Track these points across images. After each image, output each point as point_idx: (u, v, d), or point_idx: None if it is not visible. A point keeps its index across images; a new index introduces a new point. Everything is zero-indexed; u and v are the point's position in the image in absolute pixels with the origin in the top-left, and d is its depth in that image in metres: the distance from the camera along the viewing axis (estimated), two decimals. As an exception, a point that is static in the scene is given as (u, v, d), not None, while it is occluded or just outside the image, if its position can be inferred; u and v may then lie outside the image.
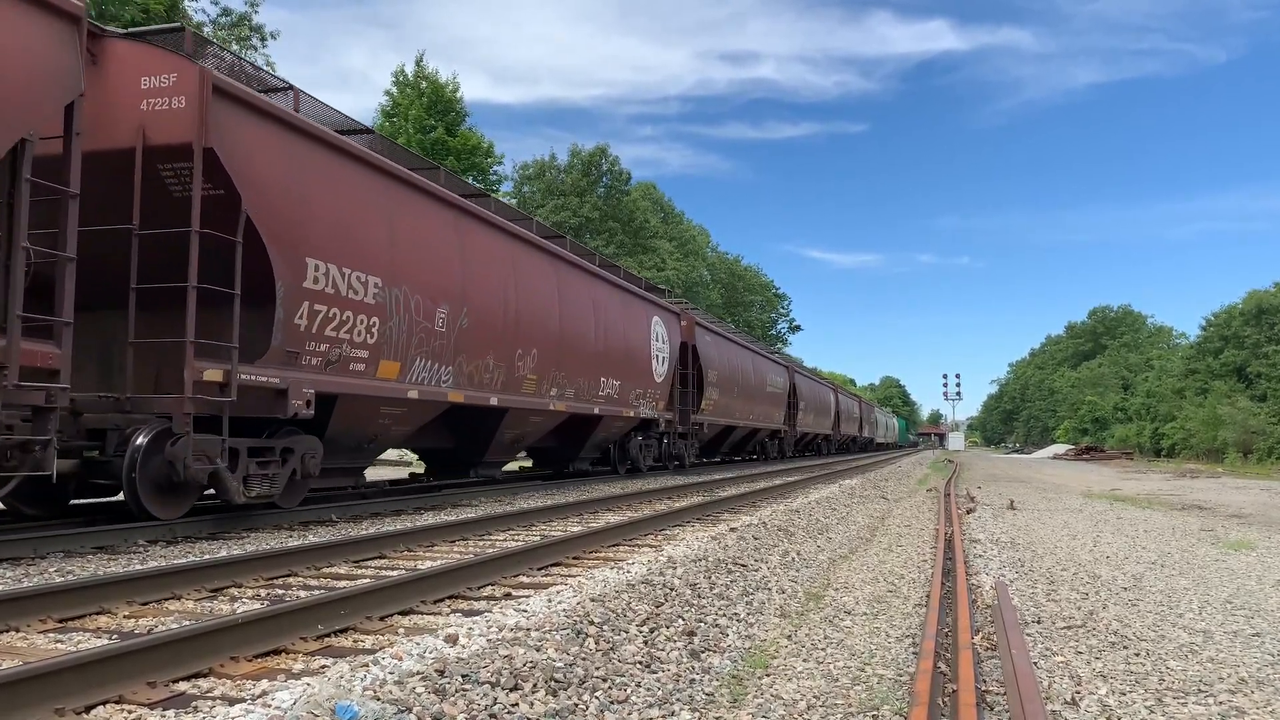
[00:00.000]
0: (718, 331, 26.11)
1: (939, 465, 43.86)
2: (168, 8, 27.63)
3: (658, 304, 20.67)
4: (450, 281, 11.45)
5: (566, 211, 52.76)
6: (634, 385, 18.14)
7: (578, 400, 15.44)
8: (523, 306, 13.38)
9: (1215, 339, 62.46)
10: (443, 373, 11.35)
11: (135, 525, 7.96)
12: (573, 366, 15.10)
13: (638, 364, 18.44)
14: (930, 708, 4.06)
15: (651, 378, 19.19)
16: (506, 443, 14.25)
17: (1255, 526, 13.59)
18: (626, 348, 17.77)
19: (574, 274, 15.75)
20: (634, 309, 18.73)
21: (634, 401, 18.15)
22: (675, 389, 21.29)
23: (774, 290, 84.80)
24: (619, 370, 17.21)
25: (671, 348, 20.78)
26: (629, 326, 18.05)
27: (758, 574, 7.59)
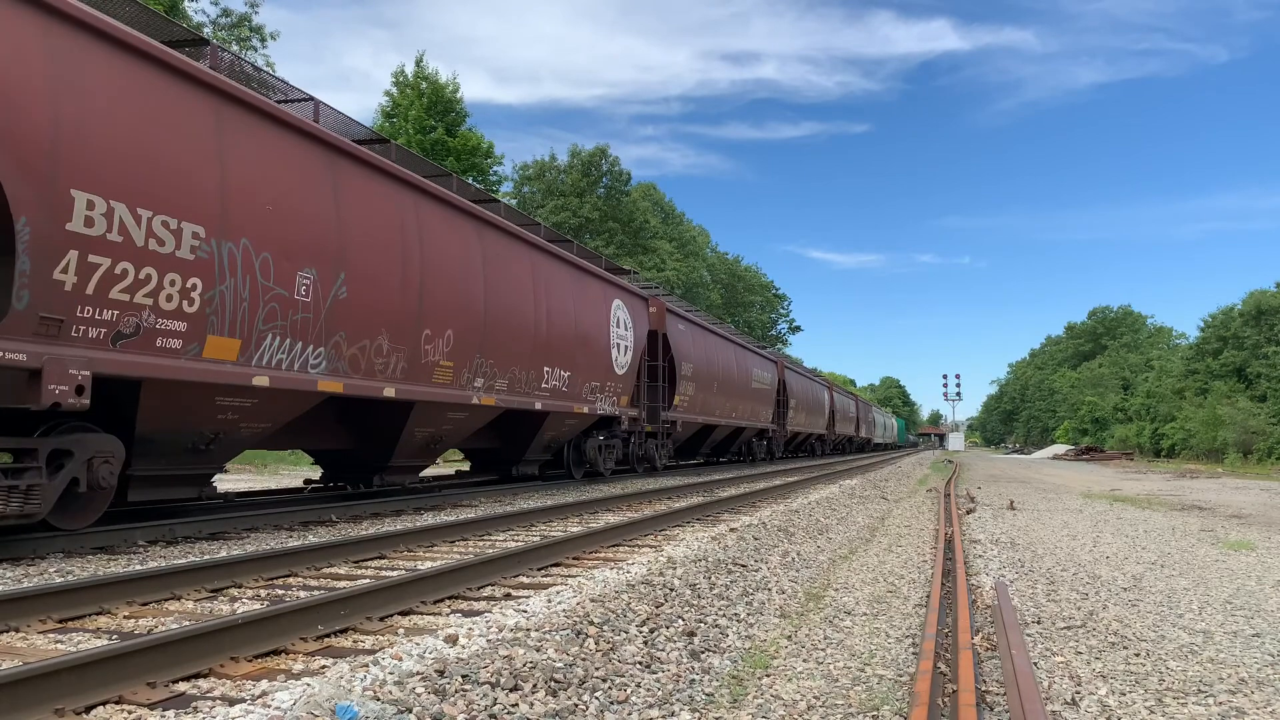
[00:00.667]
0: (694, 320, 23.85)
1: (939, 465, 43.86)
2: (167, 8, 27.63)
3: (621, 286, 18.16)
4: (319, 239, 9.05)
5: (566, 212, 52.77)
6: (588, 377, 15.94)
7: (513, 393, 13.23)
8: (432, 277, 10.98)
9: (1214, 339, 62.46)
10: (310, 355, 9.02)
11: (135, 525, 7.96)
12: (504, 353, 12.84)
13: (593, 353, 16.15)
14: (930, 708, 4.06)
15: (611, 369, 16.99)
16: (419, 443, 11.89)
17: (1255, 527, 13.59)
18: (579, 334, 15.45)
19: (507, 244, 13.18)
20: (589, 290, 16.28)
21: (588, 396, 15.97)
22: (642, 383, 19.25)
23: (774, 291, 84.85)
24: (568, 359, 15.03)
25: (637, 336, 18.52)
26: (582, 309, 15.74)
27: (758, 574, 7.59)
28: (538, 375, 14.01)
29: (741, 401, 27.49)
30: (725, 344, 26.38)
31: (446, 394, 11.50)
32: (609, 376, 16.92)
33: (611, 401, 17.13)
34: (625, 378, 17.74)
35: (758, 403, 29.76)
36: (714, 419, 24.74)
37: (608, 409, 16.93)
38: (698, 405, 23.01)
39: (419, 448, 12.04)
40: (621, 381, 17.58)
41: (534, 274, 13.98)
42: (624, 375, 17.68)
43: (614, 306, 17.35)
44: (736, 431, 28.32)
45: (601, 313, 16.75)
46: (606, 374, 16.78)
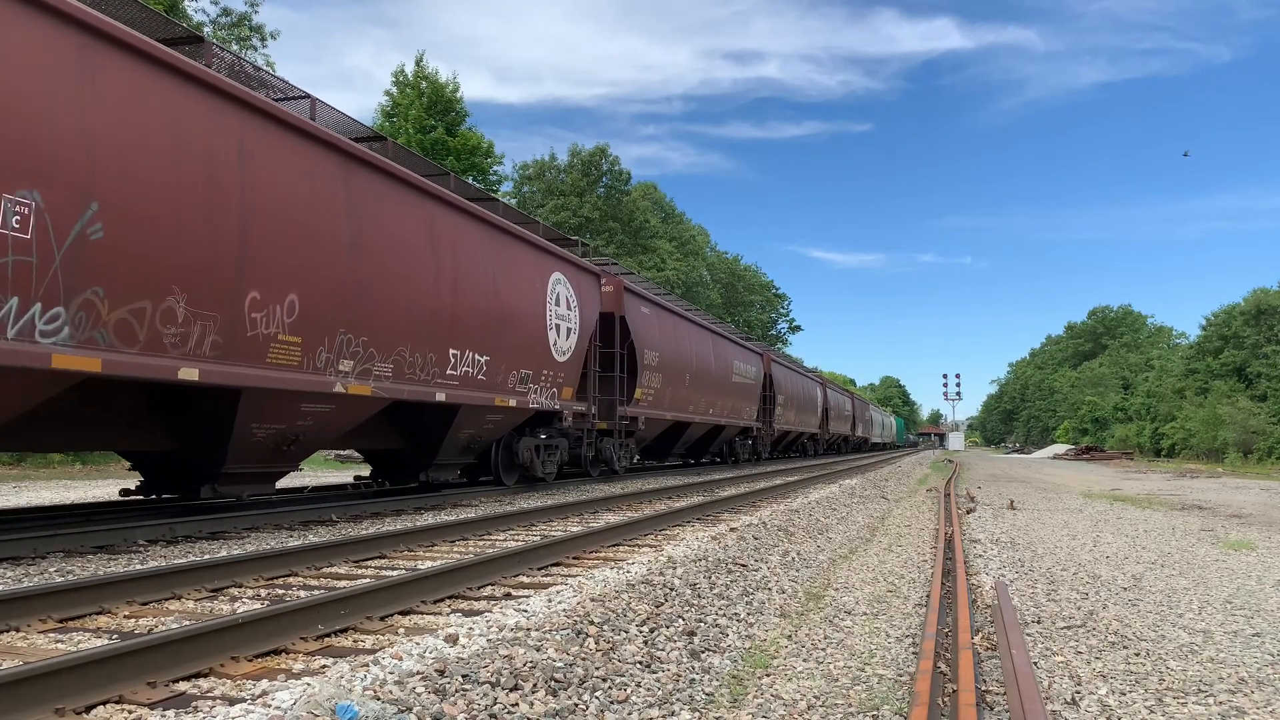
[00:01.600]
0: (661, 303, 20.92)
1: (939, 465, 43.86)
2: (167, 8, 27.63)
3: (563, 258, 15.31)
4: (45, 149, 6.51)
5: (566, 212, 52.77)
6: (517, 364, 13.34)
7: (402, 381, 10.55)
8: (263, 224, 8.44)
9: (1214, 339, 62.47)
10: (40, 318, 6.55)
11: (135, 525, 7.96)
12: (385, 329, 10.20)
13: (523, 335, 13.53)
14: (930, 708, 4.06)
15: (549, 355, 14.35)
16: (263, 445, 9.32)
17: (1255, 526, 13.59)
18: (501, 310, 12.82)
19: (388, 190, 10.31)
20: (518, 258, 13.51)
21: (517, 386, 13.41)
22: (592, 373, 16.45)
23: (774, 290, 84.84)
24: (487, 341, 12.41)
25: (584, 317, 15.79)
26: (507, 281, 13.08)
27: (758, 574, 7.59)
28: (440, 359, 11.29)
29: (720, 397, 24.84)
30: (700, 332, 23.66)
31: (291, 379, 8.88)
32: (545, 364, 14.28)
33: (550, 394, 14.52)
34: (568, 366, 15.10)
35: (740, 398, 27.05)
36: (686, 415, 22.10)
37: (544, 402, 14.33)
38: (665, 400, 20.26)
39: (266, 449, 9.40)
40: (563, 370, 14.90)
41: (432, 231, 11.08)
42: (566, 363, 15.01)
43: (553, 281, 14.59)
44: (715, 430, 25.60)
45: (535, 287, 14.03)
46: (542, 360, 14.16)
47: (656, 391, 19.62)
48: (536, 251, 14.30)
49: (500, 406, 12.98)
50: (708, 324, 25.27)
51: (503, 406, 13.03)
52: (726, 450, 28.76)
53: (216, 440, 8.97)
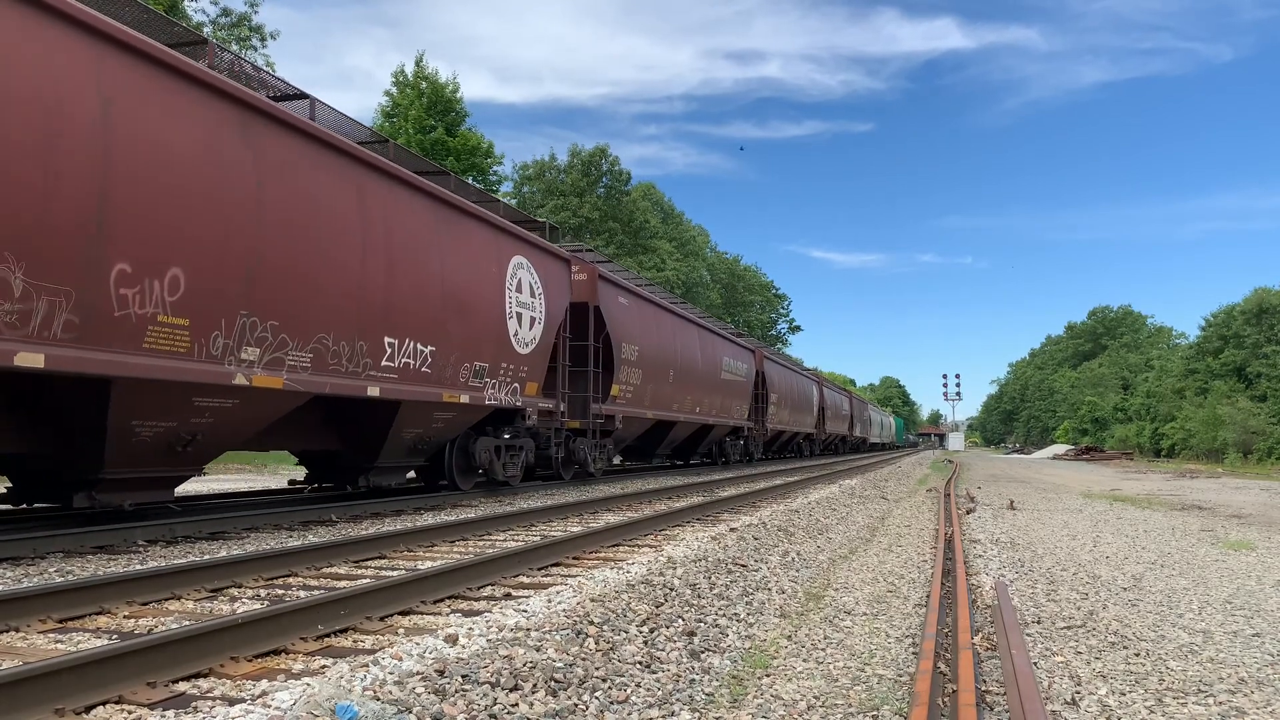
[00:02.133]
0: (641, 293, 19.37)
1: (939, 465, 43.87)
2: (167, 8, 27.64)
3: (526, 240, 13.88)
4: None
5: (566, 212, 52.78)
6: (469, 355, 11.89)
7: (324, 373, 9.20)
8: (129, 181, 7.10)
9: (1214, 339, 62.50)
10: None
11: (135, 525, 7.96)
12: (301, 313, 8.84)
13: (477, 324, 12.09)
14: (930, 708, 4.06)
15: (508, 346, 12.96)
16: (146, 444, 8.01)
17: (1255, 526, 13.59)
18: (450, 295, 11.34)
19: (304, 151, 8.94)
20: (471, 238, 12.05)
21: (470, 381, 11.96)
22: (561, 367, 15.13)
23: (774, 290, 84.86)
24: (432, 330, 11.02)
25: (552, 306, 14.42)
26: (458, 261, 11.60)
27: (758, 574, 7.59)
28: (373, 349, 9.95)
29: (709, 394, 23.53)
30: (686, 326, 22.29)
31: (177, 369, 7.61)
32: (505, 356, 12.86)
33: (511, 389, 13.16)
34: (532, 359, 13.74)
35: (730, 396, 25.80)
36: (670, 414, 20.73)
37: (504, 399, 12.97)
38: (646, 397, 18.86)
39: (155, 451, 8.16)
40: (526, 364, 13.54)
41: (362, 203, 9.71)
42: (530, 356, 13.66)
43: (513, 265, 13.16)
44: (703, 430, 24.29)
45: (492, 270, 12.55)
46: (500, 353, 12.74)
47: (636, 388, 18.27)
48: (494, 232, 12.77)
49: (450, 403, 11.54)
50: (694, 317, 23.92)
51: (453, 403, 11.60)
52: (716, 451, 27.55)
53: (88, 441, 7.69)
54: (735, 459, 28.41)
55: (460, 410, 11.98)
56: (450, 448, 12.87)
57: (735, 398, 26.47)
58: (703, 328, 23.94)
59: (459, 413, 12.01)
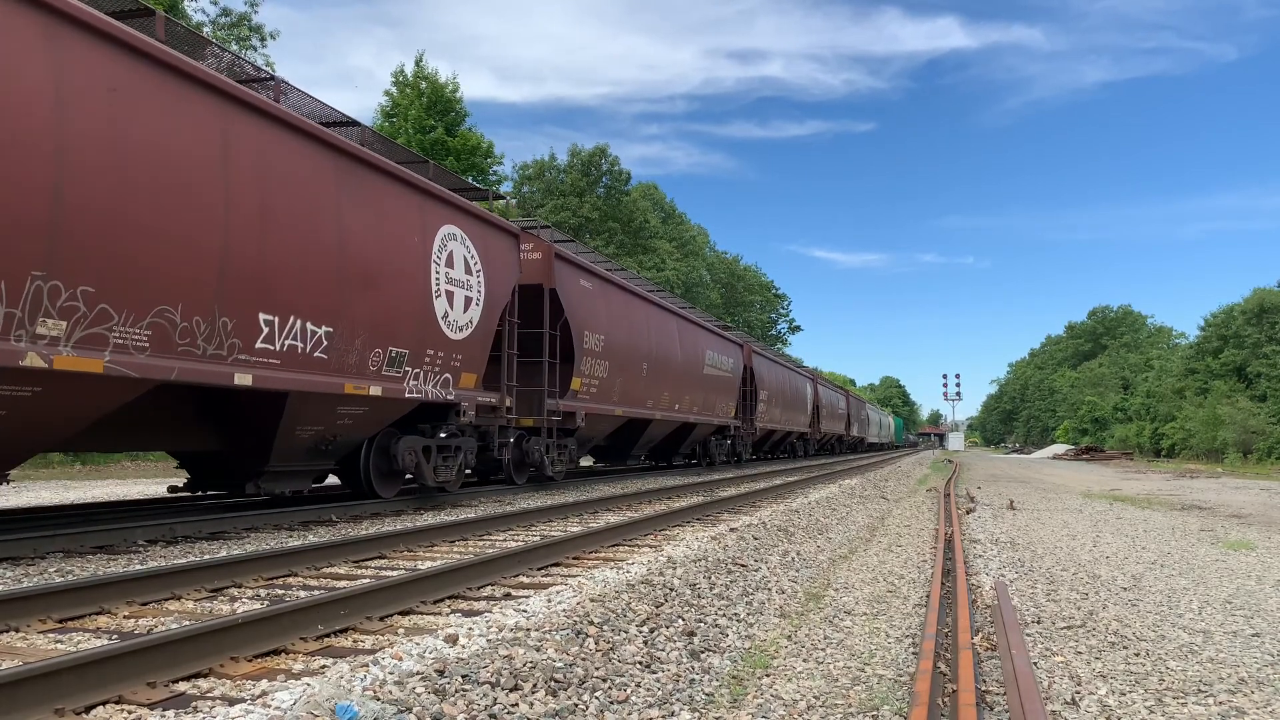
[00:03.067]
0: (606, 277, 17.24)
1: (939, 465, 43.88)
2: (167, 7, 27.64)
3: (461, 207, 11.88)
4: None
5: (566, 211, 52.78)
6: (380, 339, 10.11)
7: (168, 353, 7.45)
8: None
9: (1214, 338, 62.52)
10: None
11: (135, 525, 7.97)
12: (131, 275, 7.10)
13: (392, 301, 10.25)
14: (930, 708, 4.06)
15: (435, 330, 11.16)
16: None
17: (1255, 526, 13.59)
18: (353, 265, 9.55)
19: (137, 71, 7.17)
20: (382, 198, 10.13)
21: (383, 369, 10.21)
22: (507, 356, 13.28)
23: (774, 290, 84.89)
24: (326, 305, 9.25)
25: (493, 285, 12.50)
26: (364, 226, 9.76)
27: (758, 574, 7.59)
28: (244, 326, 8.23)
29: (690, 390, 21.75)
30: (662, 315, 20.44)
31: None
32: (431, 342, 11.09)
33: (440, 381, 11.35)
34: (468, 346, 11.89)
35: (714, 393, 23.97)
36: (644, 411, 18.83)
37: (432, 391, 11.17)
38: (614, 392, 17.02)
39: None
40: (460, 351, 11.71)
41: (226, 146, 7.98)
42: (465, 342, 11.80)
43: (442, 236, 11.29)
44: (684, 428, 22.53)
45: (412, 240, 10.71)
46: (425, 337, 10.96)
47: (602, 382, 16.46)
48: (417, 195, 10.86)
49: (357, 396, 9.78)
50: (673, 306, 22.04)
51: (360, 395, 9.82)
52: (700, 452, 25.78)
53: None
54: (721, 460, 26.64)
55: (373, 405, 10.24)
56: (366, 449, 11.01)
57: (720, 394, 24.75)
58: (683, 318, 22.16)
59: (372, 408, 10.28)
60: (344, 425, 10.15)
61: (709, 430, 24.74)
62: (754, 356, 29.04)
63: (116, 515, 9.42)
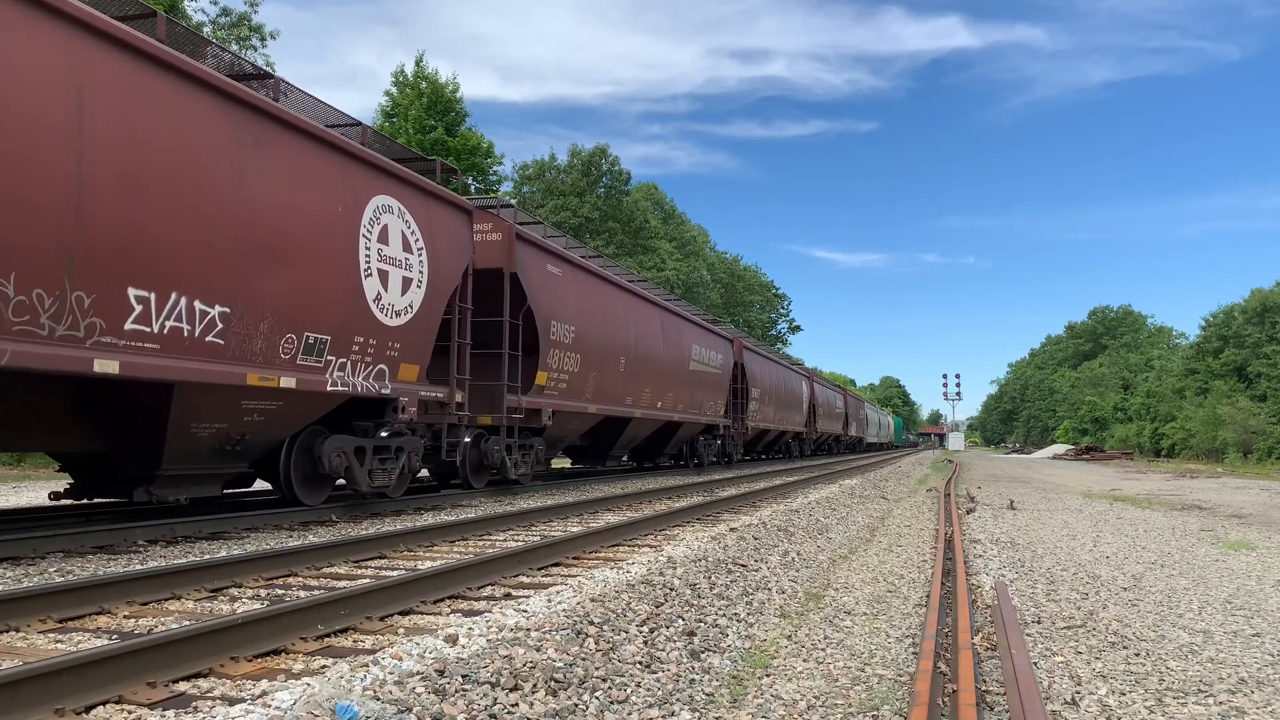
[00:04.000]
0: (578, 263, 15.84)
1: (939, 465, 43.89)
2: (167, 7, 27.65)
3: (399, 177, 10.54)
4: None
5: (566, 212, 52.79)
6: (294, 323, 8.83)
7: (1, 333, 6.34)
8: None
9: (1214, 338, 62.55)
10: None
11: (135, 525, 7.97)
12: None
13: (308, 278, 8.97)
14: (930, 708, 4.06)
15: (366, 314, 9.85)
16: None
17: (1255, 526, 13.59)
18: (248, 232, 8.21)
19: None
20: (300, 159, 8.92)
21: (298, 358, 8.94)
22: (456, 345, 11.85)
23: (774, 290, 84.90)
24: (222, 280, 7.97)
25: (439, 267, 11.13)
26: (273, 189, 8.51)
27: (758, 574, 7.59)
28: (106, 303, 7.00)
29: (674, 387, 20.41)
30: (642, 306, 19.05)
31: None
32: (360, 327, 9.80)
33: (373, 372, 10.11)
34: (407, 333, 10.58)
35: (702, 390, 22.69)
36: (622, 409, 17.53)
37: (362, 384, 9.94)
38: (587, 388, 15.79)
39: None
40: (397, 339, 10.42)
41: (80, 88, 6.73)
42: (403, 329, 10.50)
43: (375, 207, 9.95)
44: (668, 427, 21.29)
45: (335, 210, 9.35)
46: (350, 322, 9.66)
47: (573, 377, 15.17)
48: (342, 159, 9.54)
49: (265, 388, 8.55)
50: (656, 298, 20.64)
51: (269, 388, 8.59)
52: (687, 452, 24.42)
53: None
54: (710, 461, 25.21)
55: (288, 399, 8.99)
56: (287, 449, 9.75)
57: (708, 392, 23.45)
58: (667, 310, 20.78)
59: (287, 402, 9.02)
60: (253, 422, 8.93)
61: (696, 429, 23.67)
62: (745, 352, 27.88)
63: (116, 515, 9.42)
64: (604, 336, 16.45)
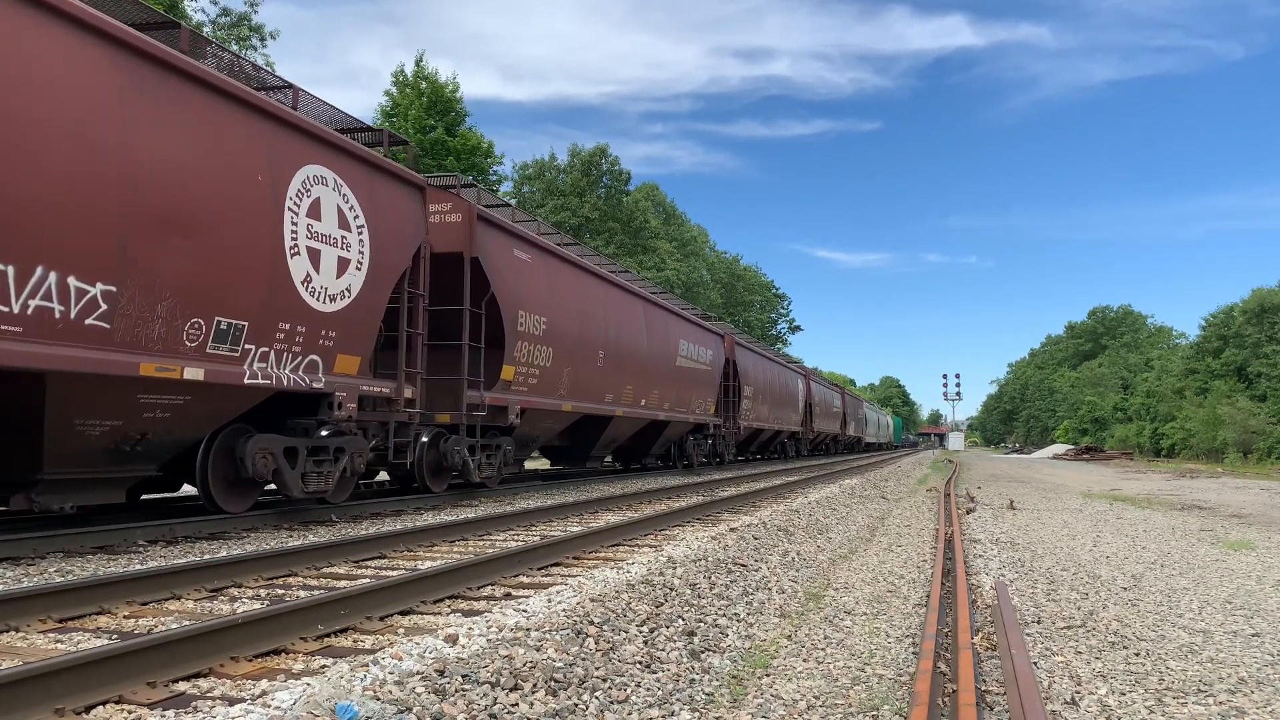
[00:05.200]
0: (549, 248, 14.70)
1: (939, 465, 43.89)
2: (167, 7, 27.65)
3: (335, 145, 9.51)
4: None
5: (566, 212, 52.80)
6: (198, 303, 7.72)
7: None
8: None
9: (1214, 339, 62.56)
10: None
11: (135, 525, 7.97)
12: None
13: (220, 254, 7.91)
14: (930, 708, 4.06)
15: (291, 297, 8.77)
16: None
17: (1255, 526, 13.59)
18: (138, 197, 7.10)
19: None
20: (210, 117, 7.83)
21: (209, 346, 7.91)
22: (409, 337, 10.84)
23: (774, 290, 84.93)
24: (106, 253, 6.90)
25: (384, 247, 10.10)
26: (172, 149, 7.39)
27: (758, 574, 7.59)
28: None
29: (659, 384, 19.37)
30: (624, 297, 17.92)
31: None
32: (286, 312, 8.74)
33: (303, 363, 9.06)
34: (345, 320, 9.56)
35: (689, 388, 21.62)
36: (602, 406, 16.48)
37: (289, 377, 8.87)
38: (561, 383, 14.73)
39: None
40: (334, 327, 9.40)
41: None
42: (340, 315, 9.47)
43: (304, 178, 8.93)
44: (654, 426, 20.16)
45: (255, 179, 8.30)
46: (273, 306, 8.57)
47: (545, 371, 14.06)
48: (262, 120, 8.47)
49: (165, 380, 7.46)
50: (639, 289, 19.48)
51: (170, 380, 7.50)
52: (675, 452, 23.31)
53: None
54: (700, 461, 24.03)
55: (197, 393, 7.92)
56: (204, 450, 8.62)
57: (697, 389, 22.35)
58: (651, 303, 19.58)
59: (196, 397, 7.95)
60: (156, 420, 7.80)
61: (685, 429, 22.50)
62: (737, 349, 26.64)
63: (116, 515, 9.42)
64: (580, 329, 15.40)
